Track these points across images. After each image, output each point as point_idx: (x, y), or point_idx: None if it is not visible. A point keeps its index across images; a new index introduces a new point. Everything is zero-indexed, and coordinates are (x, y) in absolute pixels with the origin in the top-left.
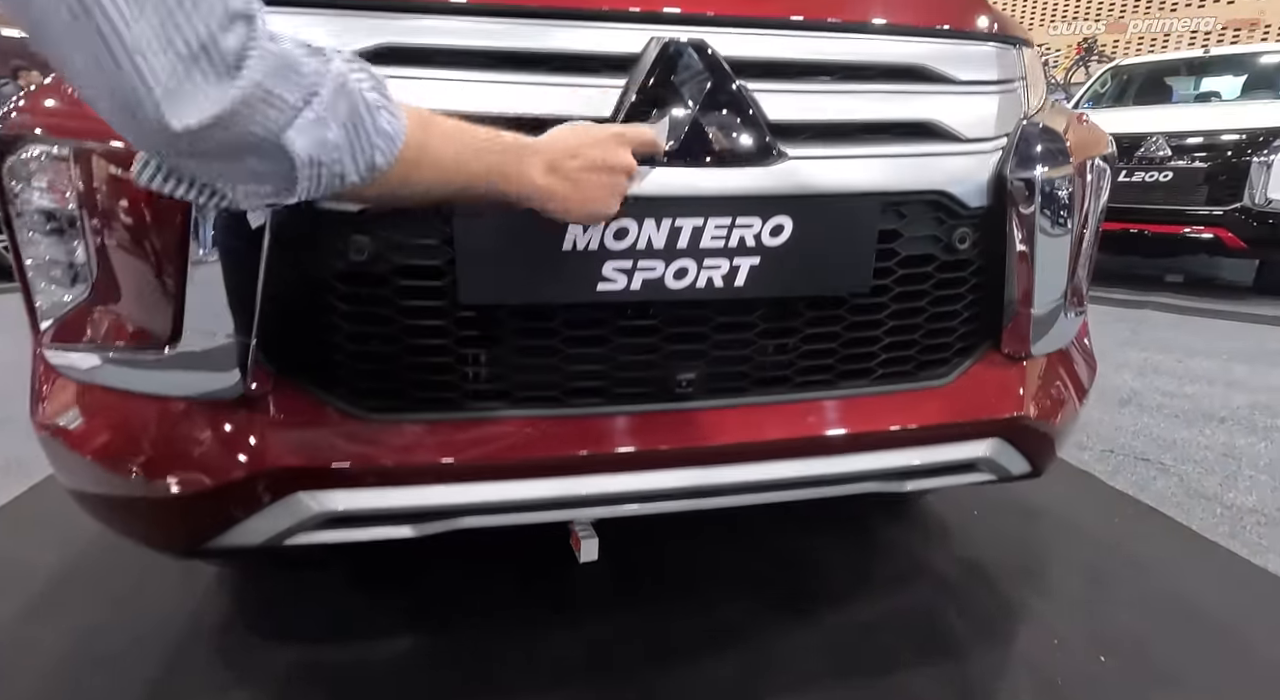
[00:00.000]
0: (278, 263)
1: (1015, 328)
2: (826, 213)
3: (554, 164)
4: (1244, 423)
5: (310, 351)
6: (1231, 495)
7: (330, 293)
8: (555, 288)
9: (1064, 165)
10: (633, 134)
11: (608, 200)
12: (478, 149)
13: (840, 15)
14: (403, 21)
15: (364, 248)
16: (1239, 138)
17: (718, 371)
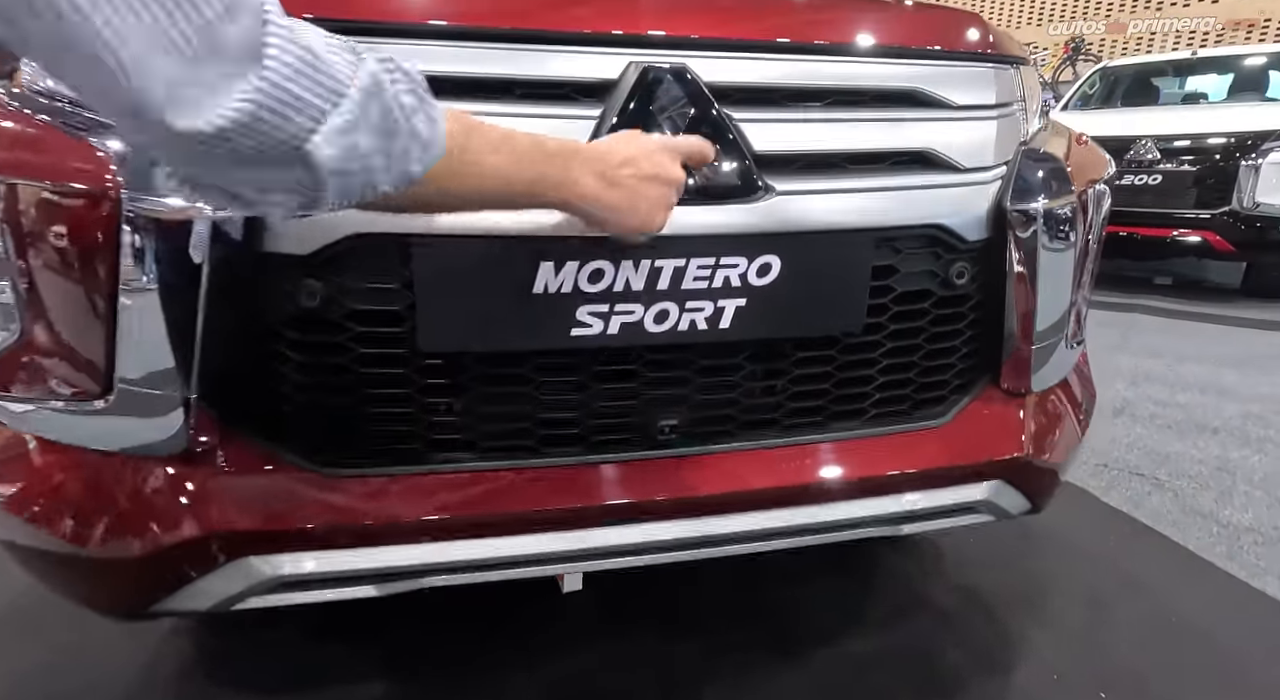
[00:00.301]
0: (219, 308)
1: (1015, 363)
2: (817, 251)
3: (607, 172)
4: (1237, 434)
5: (260, 403)
6: (1227, 512)
7: (279, 340)
8: (525, 334)
9: (1066, 194)
10: (684, 145)
11: (658, 213)
12: (522, 156)
13: (829, 37)
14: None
15: (315, 292)
16: (1227, 141)
17: (702, 416)
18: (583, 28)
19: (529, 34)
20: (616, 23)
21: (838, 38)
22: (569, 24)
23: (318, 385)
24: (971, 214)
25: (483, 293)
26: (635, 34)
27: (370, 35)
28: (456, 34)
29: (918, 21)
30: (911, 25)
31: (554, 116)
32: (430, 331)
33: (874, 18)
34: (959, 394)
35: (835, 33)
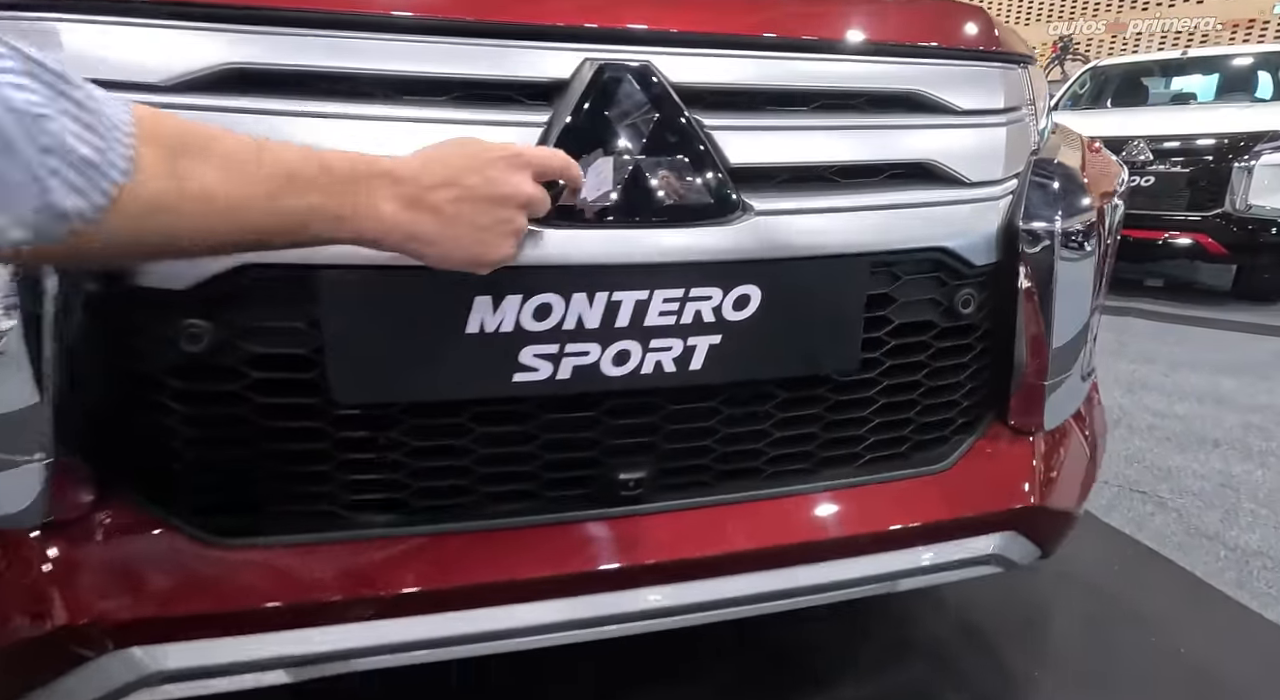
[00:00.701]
0: (83, 353)
1: (1025, 398)
2: (802, 279)
3: (417, 195)
4: (1238, 447)
5: (144, 462)
6: (1234, 534)
7: (161, 390)
8: (459, 381)
9: (1084, 212)
10: (538, 156)
11: (498, 242)
12: (282, 180)
13: (816, 32)
14: (254, 37)
15: (201, 335)
16: (1219, 142)
17: (672, 467)
18: (530, 19)
19: (465, 25)
20: (569, 13)
21: (825, 32)
22: (514, 14)
23: (210, 441)
24: (979, 235)
25: (405, 333)
26: (591, 26)
27: (257, 24)
28: (378, 25)
29: (915, 14)
30: (908, 19)
31: (494, 123)
32: (344, 379)
33: (866, 9)
34: (963, 434)
35: (822, 27)
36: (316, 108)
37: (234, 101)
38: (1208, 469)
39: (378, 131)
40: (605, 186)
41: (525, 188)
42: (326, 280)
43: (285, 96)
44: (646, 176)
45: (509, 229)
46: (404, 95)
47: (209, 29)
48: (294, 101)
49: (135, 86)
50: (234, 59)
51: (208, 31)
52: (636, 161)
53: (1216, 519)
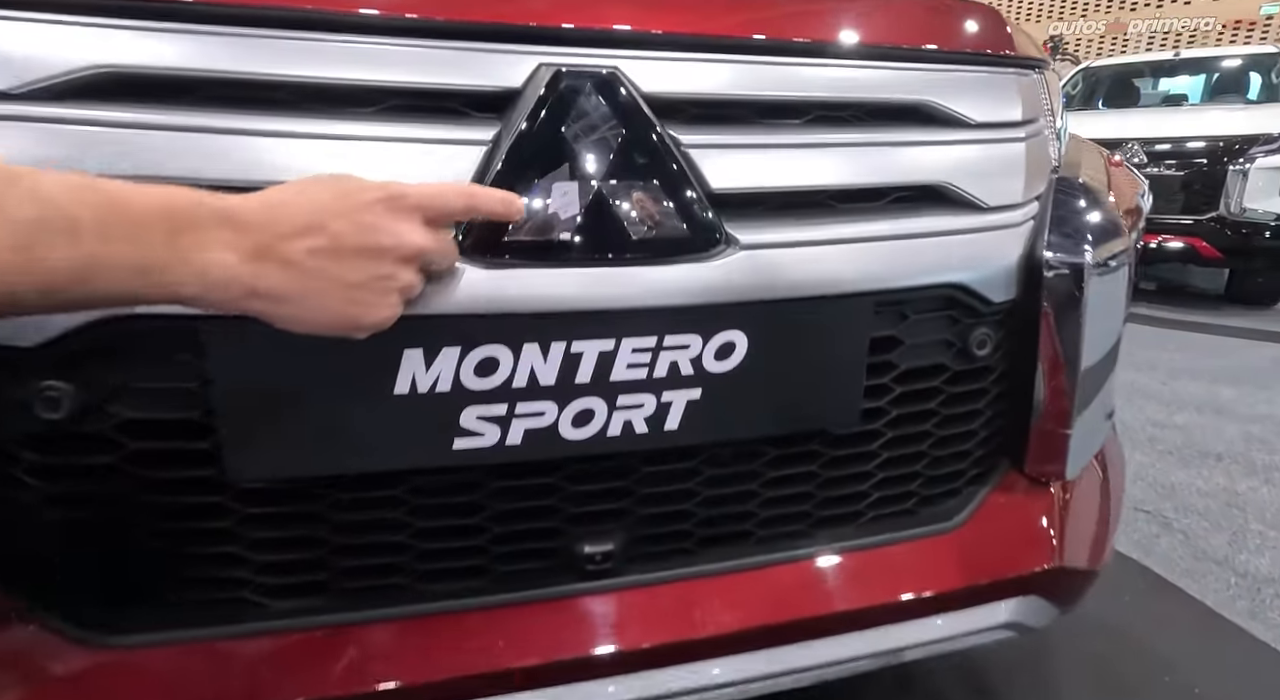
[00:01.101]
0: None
1: (1046, 444)
2: (797, 323)
3: (265, 244)
4: (1241, 461)
5: (9, 558)
6: (1243, 558)
7: (15, 466)
8: (387, 449)
9: (1115, 238)
10: (424, 196)
11: (371, 302)
12: (42, 224)
13: (810, 33)
14: (134, 34)
15: (61, 400)
16: (1214, 145)
17: (646, 534)
18: (475, 16)
19: (397, 23)
20: (521, 10)
21: (821, 34)
22: (455, 10)
23: (81, 524)
24: (998, 267)
25: (319, 395)
26: (548, 26)
27: (153, 18)
28: (286, 21)
29: (921, 14)
30: (913, 18)
31: (428, 140)
32: (241, 451)
33: (865, 8)
34: (975, 485)
35: (817, 27)
36: (207, 122)
37: (104, 113)
38: (1211, 486)
39: (282, 151)
40: (562, 217)
41: (411, 237)
42: (216, 332)
43: (169, 108)
44: (612, 204)
45: (389, 286)
46: (318, 106)
47: (75, 22)
48: (180, 114)
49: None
50: (108, 61)
51: (73, 25)
52: (600, 187)
53: (1224, 541)
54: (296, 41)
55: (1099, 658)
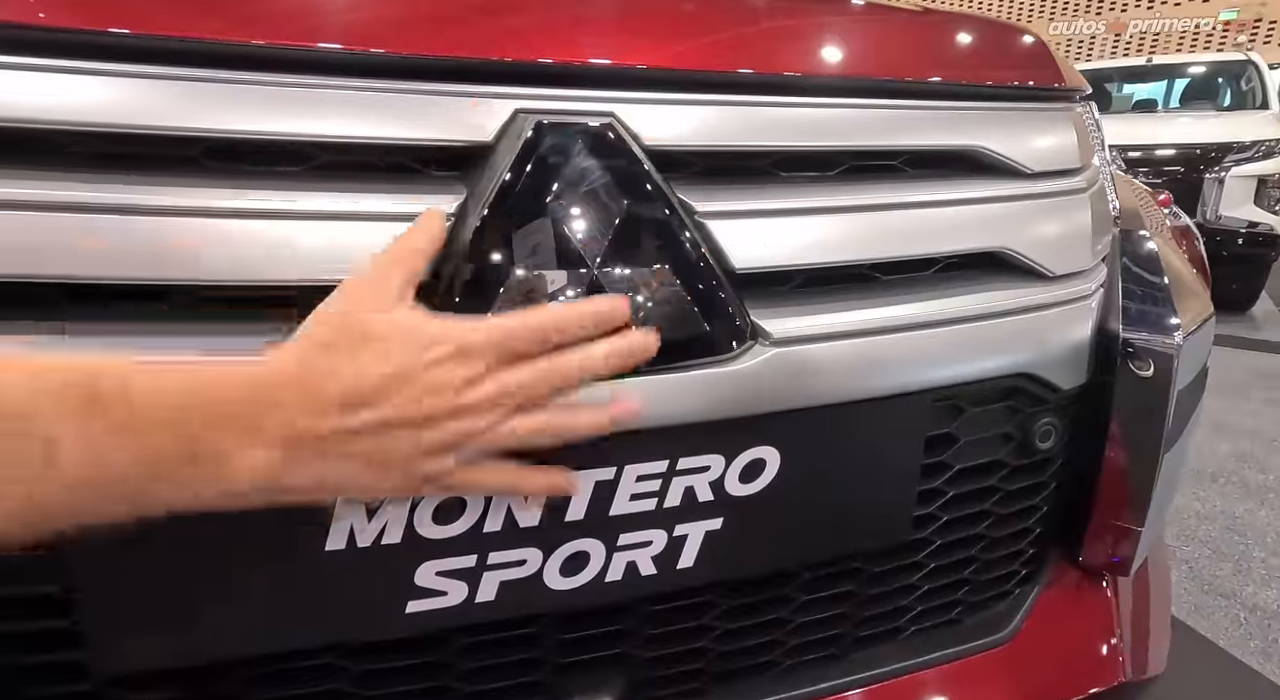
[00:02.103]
0: None
1: (1110, 540)
2: (841, 431)
3: (304, 429)
4: (1236, 481)
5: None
6: (1250, 590)
7: None
8: (319, 622)
9: (1195, 301)
10: (505, 332)
11: (421, 468)
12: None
13: (837, 66)
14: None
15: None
16: (1191, 153)
17: (654, 677)
18: (434, 50)
19: (335, 58)
20: (491, 42)
21: (852, 66)
22: (408, 43)
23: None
24: (1068, 348)
25: (217, 553)
26: (524, 62)
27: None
28: (188, 55)
29: (960, 39)
30: (956, 46)
31: (371, 217)
32: (114, 638)
33: (901, 35)
34: (1026, 586)
35: (847, 58)
36: (82, 195)
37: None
38: (1210, 509)
39: (176, 232)
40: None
41: (479, 392)
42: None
43: (31, 173)
44: (612, 296)
45: (445, 446)
46: (227, 168)
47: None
48: (45, 185)
49: None
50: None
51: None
52: (596, 275)
53: (1229, 572)
54: (195, 82)
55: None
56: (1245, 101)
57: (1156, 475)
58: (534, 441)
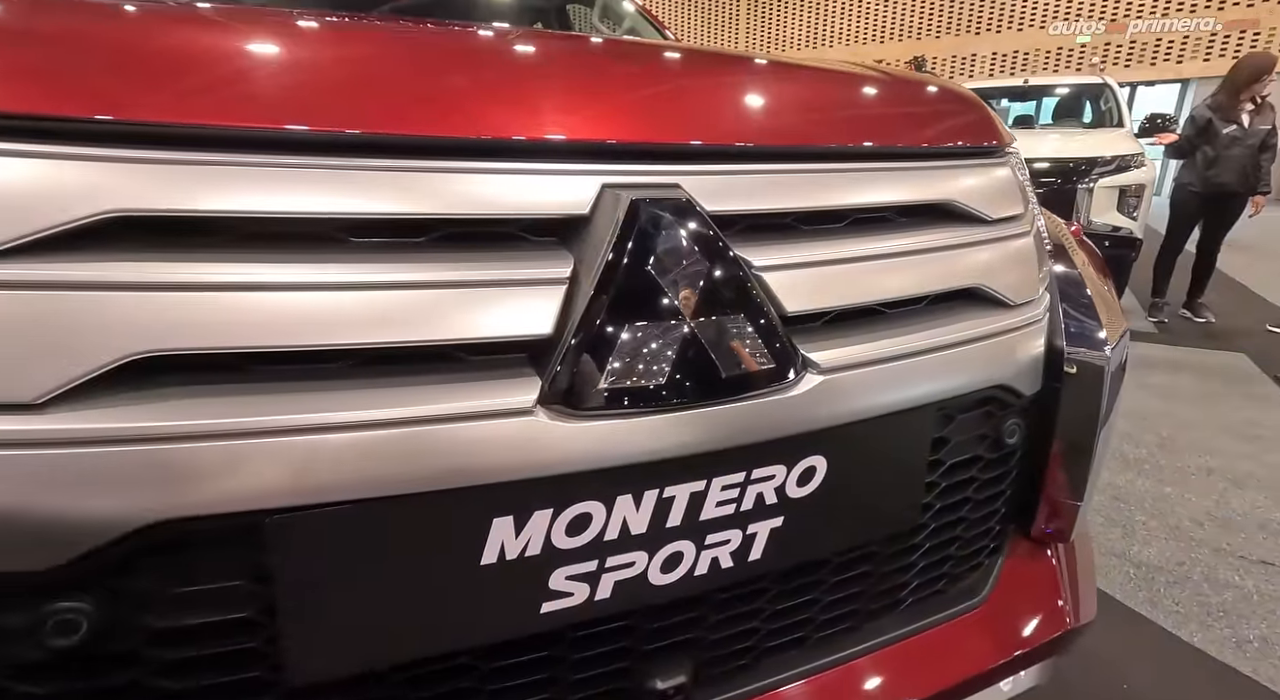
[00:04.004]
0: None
1: (1054, 515)
2: (870, 440)
3: None
4: (1117, 456)
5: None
6: (1135, 549)
7: None
8: (468, 627)
9: (1116, 315)
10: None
11: None
12: None
13: (838, 137)
14: (151, 168)
15: (76, 623)
16: (1065, 165)
17: (716, 656)
18: (519, 132)
19: (447, 145)
20: (578, 127)
21: (849, 136)
22: (490, 125)
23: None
24: (1029, 363)
25: (397, 578)
26: (608, 142)
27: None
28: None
29: (926, 102)
30: (923, 108)
31: (499, 283)
32: (304, 648)
33: (883, 101)
34: (993, 557)
35: (845, 130)
36: (232, 276)
37: (108, 270)
38: (1100, 481)
39: (325, 301)
40: (656, 360)
41: None
42: (282, 526)
43: (187, 256)
44: (701, 342)
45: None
46: (360, 247)
47: (72, 158)
48: (200, 266)
49: None
50: (118, 206)
51: (69, 160)
52: (690, 324)
53: (1119, 536)
54: (328, 170)
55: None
56: (1104, 119)
57: (1093, 458)
58: None
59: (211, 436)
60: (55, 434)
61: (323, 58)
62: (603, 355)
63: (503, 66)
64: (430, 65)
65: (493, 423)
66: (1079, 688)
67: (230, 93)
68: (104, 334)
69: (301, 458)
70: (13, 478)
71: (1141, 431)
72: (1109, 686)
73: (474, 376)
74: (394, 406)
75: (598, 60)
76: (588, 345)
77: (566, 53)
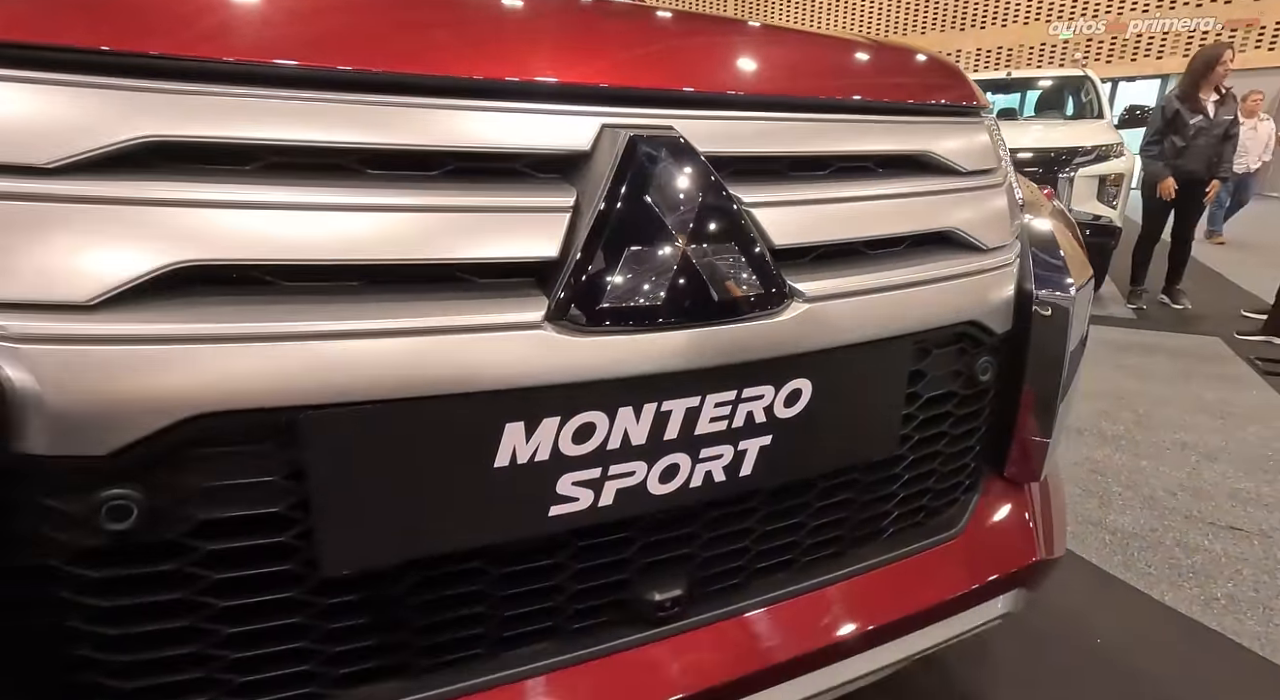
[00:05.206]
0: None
1: (1028, 452)
2: (852, 366)
3: None
4: (1095, 433)
5: (45, 684)
6: (1111, 518)
7: (68, 586)
8: (482, 525)
9: (1082, 265)
10: None
11: None
12: None
13: (826, 89)
14: (183, 97)
15: (127, 510)
16: (1046, 155)
17: (710, 574)
18: (532, 76)
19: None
20: (575, 71)
21: (835, 89)
22: (506, 70)
23: (145, 639)
24: (999, 303)
25: (417, 477)
26: (607, 86)
27: (192, 81)
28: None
29: (908, 65)
30: (904, 70)
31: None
32: (335, 541)
33: (868, 62)
34: (969, 493)
35: (831, 82)
36: (261, 195)
37: (148, 188)
38: (1078, 456)
39: (343, 223)
40: (654, 283)
41: None
42: (316, 421)
43: (220, 180)
44: (696, 267)
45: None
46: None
47: (117, 88)
48: (232, 186)
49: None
50: (153, 131)
51: (115, 91)
52: (685, 251)
53: (1095, 505)
54: (355, 106)
55: (1011, 615)
56: (1085, 111)
57: (1060, 396)
58: None
59: (242, 339)
60: (106, 333)
61: (346, 2)
62: (604, 277)
63: (515, 17)
64: (448, 13)
65: (503, 335)
66: (1053, 642)
67: (257, 32)
68: (146, 245)
69: (326, 360)
70: (69, 370)
71: (1119, 409)
72: (1082, 641)
73: (486, 295)
74: (412, 317)
75: (601, 16)
76: (590, 267)
77: (573, 9)
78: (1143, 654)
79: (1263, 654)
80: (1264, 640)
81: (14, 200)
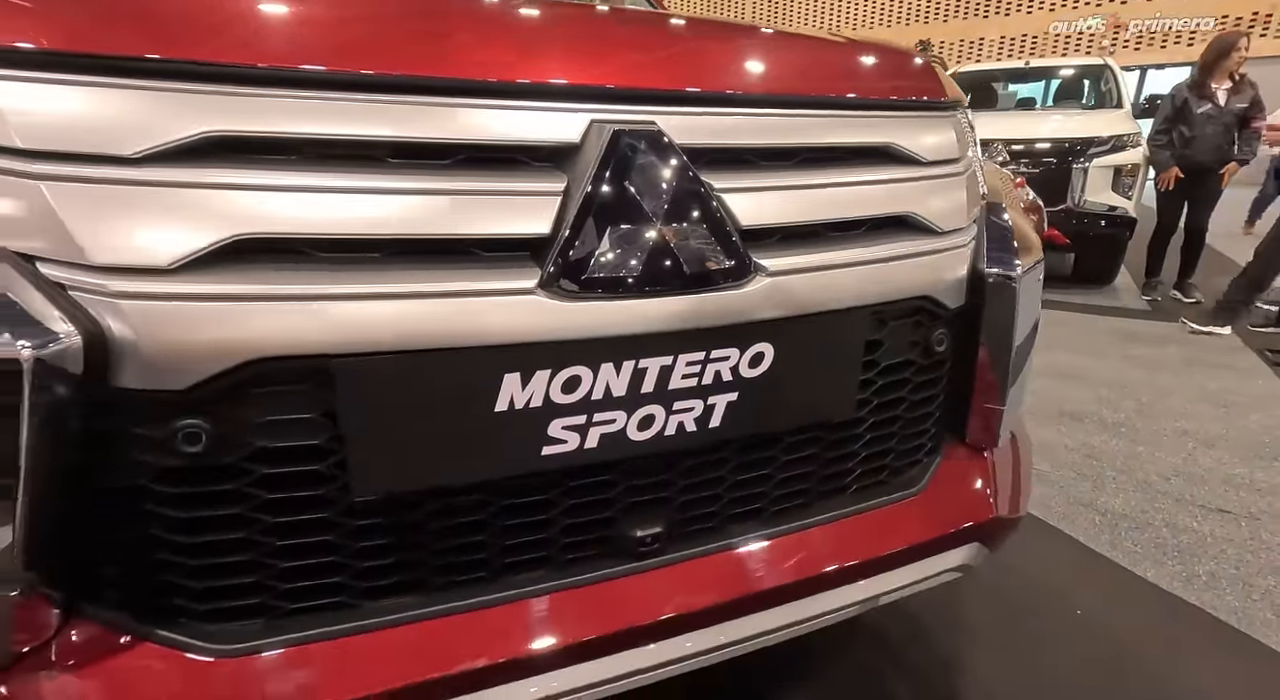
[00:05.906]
0: (50, 467)
1: (983, 420)
2: (811, 334)
3: None
4: (1095, 420)
5: (128, 581)
6: (1103, 500)
7: (152, 499)
8: (485, 460)
9: (1033, 250)
10: None
11: None
12: None
13: (795, 85)
14: (239, 99)
15: (199, 436)
16: (1061, 145)
17: (686, 517)
18: (532, 77)
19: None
20: (569, 73)
21: (805, 85)
22: (511, 73)
23: (211, 548)
24: (953, 280)
25: (432, 417)
26: (590, 85)
27: (242, 85)
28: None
29: (877, 63)
30: (873, 68)
31: (507, 193)
32: (364, 470)
33: (837, 61)
34: (931, 456)
35: (802, 79)
36: (302, 180)
37: (211, 175)
38: (1075, 442)
39: (370, 204)
40: (633, 257)
41: None
42: (347, 369)
43: (269, 168)
44: (671, 244)
45: None
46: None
47: (186, 92)
48: (279, 173)
49: (96, 159)
50: (214, 127)
51: (185, 94)
52: (662, 230)
53: (1089, 488)
54: (378, 104)
55: (997, 588)
56: (1104, 100)
57: (1009, 366)
58: None
59: (288, 298)
60: (183, 291)
61: (372, 12)
62: (589, 251)
63: (515, 26)
64: (459, 22)
65: (502, 299)
66: (1032, 612)
67: (298, 44)
68: (211, 221)
69: (355, 317)
70: (155, 321)
71: (1121, 398)
72: (1062, 612)
73: (488, 265)
74: (426, 282)
75: (591, 22)
76: (577, 243)
77: (566, 17)
78: (1120, 625)
79: (1239, 627)
80: (1241, 614)
81: (108, 184)
